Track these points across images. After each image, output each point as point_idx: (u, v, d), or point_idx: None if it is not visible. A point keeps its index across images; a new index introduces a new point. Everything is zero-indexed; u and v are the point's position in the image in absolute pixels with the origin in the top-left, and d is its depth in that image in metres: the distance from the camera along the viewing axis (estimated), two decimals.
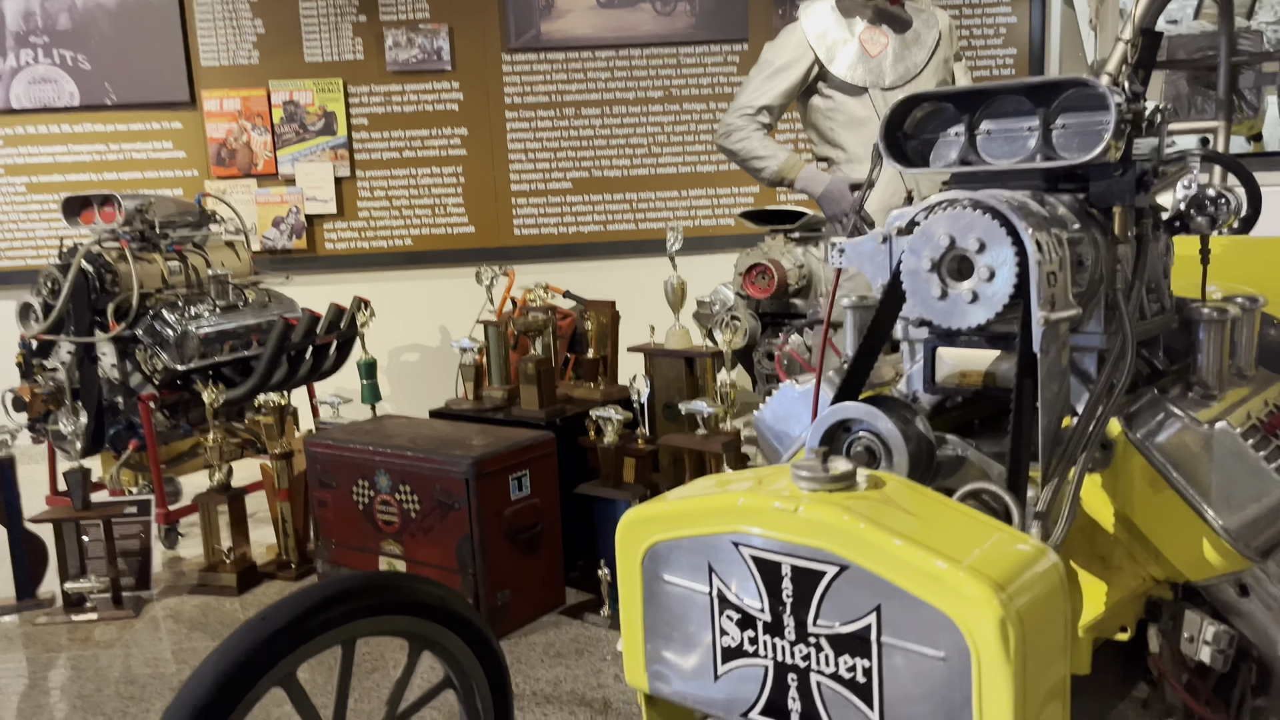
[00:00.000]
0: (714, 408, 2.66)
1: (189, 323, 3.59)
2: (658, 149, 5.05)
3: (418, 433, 3.00)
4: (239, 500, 3.29)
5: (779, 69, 2.81)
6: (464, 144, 5.01)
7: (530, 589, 2.88)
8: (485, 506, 2.73)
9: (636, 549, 1.25)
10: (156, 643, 2.88)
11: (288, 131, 4.92)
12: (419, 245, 5.06)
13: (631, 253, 5.09)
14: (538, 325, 3.16)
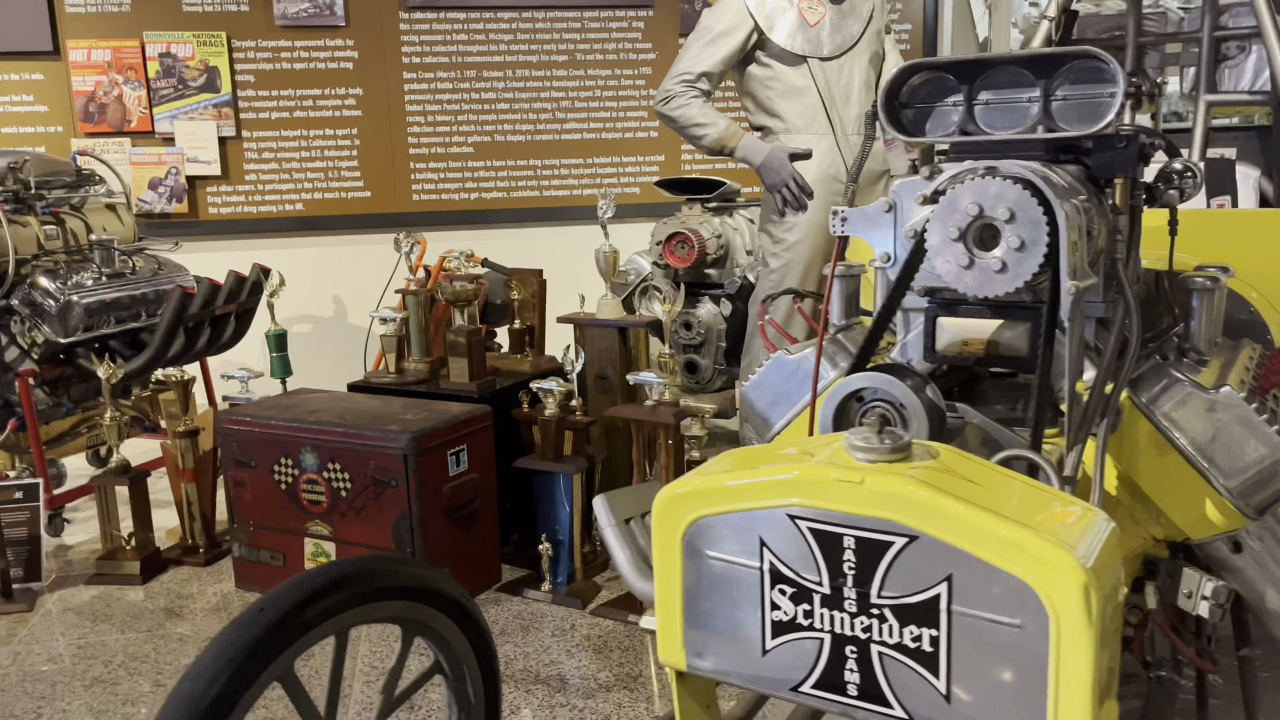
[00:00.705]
0: (664, 378, 2.63)
1: (71, 292, 3.31)
2: (562, 115, 4.95)
3: (344, 408, 2.86)
4: (140, 483, 3.07)
5: (718, 35, 2.79)
6: (359, 105, 4.78)
7: (468, 566, 2.81)
8: (424, 483, 2.63)
9: (676, 525, 1.22)
10: (57, 638, 2.67)
11: (165, 87, 4.58)
12: (311, 210, 4.82)
13: (536, 220, 5.00)
14: (467, 295, 3.05)
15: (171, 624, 2.73)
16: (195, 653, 2.55)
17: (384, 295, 4.66)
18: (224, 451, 2.91)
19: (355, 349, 4.89)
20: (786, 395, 1.69)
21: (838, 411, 1.38)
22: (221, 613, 2.79)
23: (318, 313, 4.89)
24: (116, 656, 2.55)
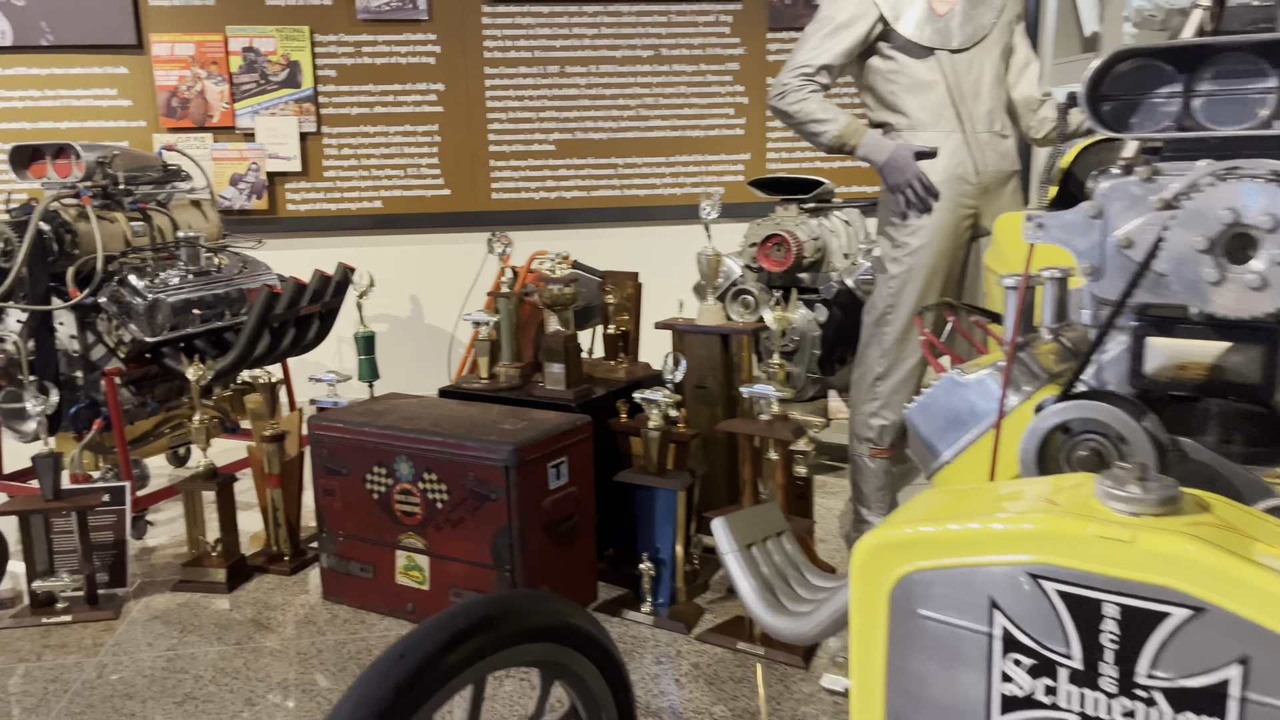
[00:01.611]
0: (782, 391, 2.47)
1: (158, 290, 3.24)
2: (646, 111, 4.81)
3: (439, 415, 2.75)
4: (227, 488, 2.98)
5: (840, 26, 2.62)
6: (440, 100, 4.69)
7: (566, 585, 2.67)
8: (525, 497, 2.50)
9: (883, 578, 1.06)
10: (145, 648, 2.58)
11: (247, 82, 4.52)
12: (389, 208, 4.73)
13: (616, 220, 4.86)
14: (565, 299, 2.92)
15: (260, 636, 2.63)
16: (286, 668, 2.45)
17: (469, 296, 4.57)
18: (314, 458, 2.81)
19: (434, 351, 4.81)
20: (959, 421, 1.52)
21: (1042, 446, 1.22)
22: (310, 626, 2.69)
23: (395, 313, 4.80)
24: (207, 671, 2.45)
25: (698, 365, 2.99)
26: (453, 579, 2.61)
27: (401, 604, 2.71)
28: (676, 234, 4.91)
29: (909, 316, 2.71)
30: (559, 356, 2.90)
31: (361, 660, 2.48)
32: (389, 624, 2.69)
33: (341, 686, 2.35)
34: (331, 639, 2.61)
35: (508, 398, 3.00)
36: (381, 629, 2.66)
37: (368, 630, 2.65)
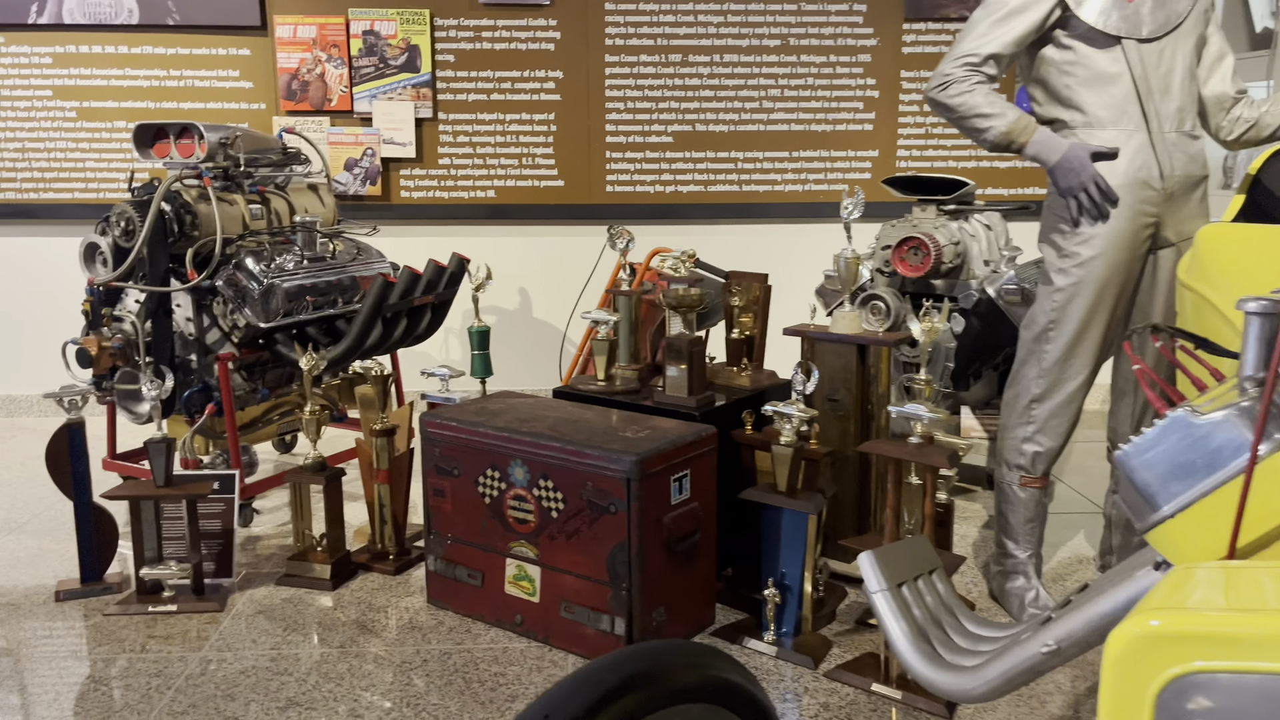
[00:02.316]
0: (935, 412, 2.25)
1: (274, 275, 3.18)
2: (770, 104, 4.60)
3: (557, 418, 2.60)
4: (336, 482, 2.90)
5: (1013, 11, 2.37)
6: (558, 88, 4.55)
7: (683, 606, 2.50)
8: (646, 512, 2.34)
9: (1148, 676, 0.86)
10: (249, 645, 2.51)
11: (366, 65, 4.46)
12: (502, 198, 4.62)
13: (733, 216, 4.67)
14: (692, 300, 2.75)
15: (364, 640, 2.53)
16: (390, 676, 2.34)
17: (584, 292, 4.44)
18: (425, 456, 2.69)
19: (543, 347, 4.69)
20: (1189, 468, 1.29)
21: None
22: (415, 632, 2.57)
23: (504, 305, 4.70)
24: (310, 675, 2.36)
25: (830, 376, 2.78)
26: (564, 593, 2.47)
27: (509, 615, 2.57)
28: (796, 233, 4.69)
29: (1074, 334, 2.45)
30: (682, 360, 2.73)
31: (468, 674, 2.36)
32: (495, 635, 2.56)
33: (449, 703, 2.22)
34: (437, 648, 2.49)
35: (624, 402, 2.84)
36: (488, 640, 2.53)
37: (473, 641, 2.53)
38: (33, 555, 3.06)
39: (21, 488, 3.69)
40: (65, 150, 4.48)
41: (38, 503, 3.53)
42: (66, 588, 2.76)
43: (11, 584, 2.85)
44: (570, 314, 4.45)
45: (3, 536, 3.21)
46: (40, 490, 3.66)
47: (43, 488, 3.68)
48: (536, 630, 2.53)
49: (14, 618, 2.64)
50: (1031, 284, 3.51)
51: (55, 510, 3.45)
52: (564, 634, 2.48)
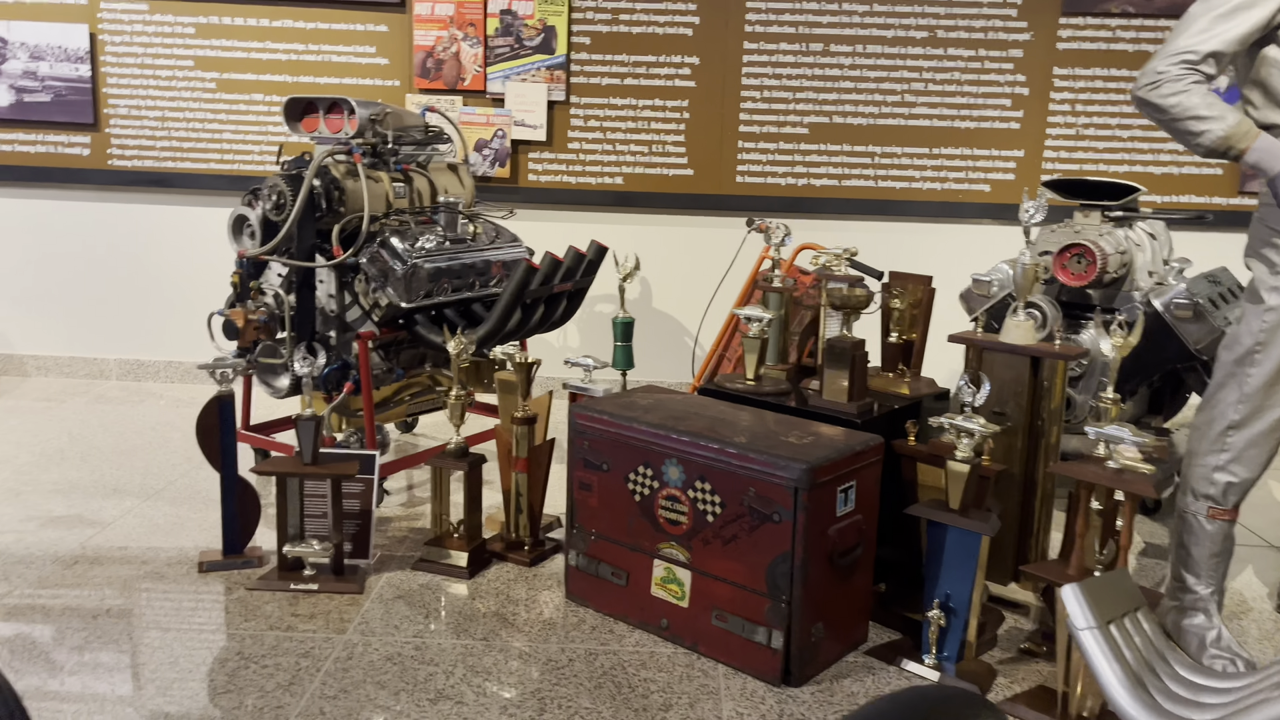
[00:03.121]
0: (1139, 435, 2.09)
1: (418, 255, 3.14)
2: (912, 98, 4.42)
3: (714, 418, 2.50)
4: (476, 469, 2.85)
5: (1239, 6, 2.19)
6: (693, 75, 4.45)
7: (840, 622, 2.39)
8: (813, 523, 2.23)
9: None
10: (393, 631, 2.47)
11: (502, 45, 4.41)
12: (629, 185, 4.54)
13: (866, 212, 4.51)
14: (858, 301, 2.62)
15: (507, 634, 2.47)
16: (538, 675, 2.28)
17: (720, 286, 4.34)
18: (572, 449, 2.62)
19: (670, 340, 4.61)
20: None
21: None
22: (557, 629, 2.51)
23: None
24: (456, 668, 2.31)
25: (999, 389, 2.63)
26: (717, 600, 2.37)
27: (655, 618, 2.49)
28: (932, 233, 4.52)
29: None
30: (843, 364, 2.61)
31: (616, 679, 2.28)
32: (640, 638, 2.48)
33: (601, 708, 2.15)
34: (581, 647, 2.42)
35: (773, 403, 2.73)
36: (633, 643, 2.45)
37: (618, 643, 2.45)
38: (171, 523, 3.08)
39: (155, 454, 3.74)
40: (203, 121, 4.53)
41: (171, 469, 3.57)
42: (209, 559, 2.77)
43: (154, 552, 2.87)
44: (706, 307, 4.34)
45: (141, 502, 3.24)
46: (172, 457, 3.70)
47: (175, 454, 3.73)
48: (684, 636, 2.44)
49: (160, 587, 2.65)
50: (1204, 299, 3.30)
51: (189, 478, 3.49)
52: (714, 642, 2.39)
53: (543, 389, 4.66)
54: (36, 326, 4.73)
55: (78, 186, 4.61)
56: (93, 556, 2.82)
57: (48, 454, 3.68)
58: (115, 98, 4.51)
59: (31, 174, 4.56)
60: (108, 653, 2.31)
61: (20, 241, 4.67)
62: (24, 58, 4.44)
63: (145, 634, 2.40)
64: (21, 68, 4.45)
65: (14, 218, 4.64)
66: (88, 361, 4.75)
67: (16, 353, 4.75)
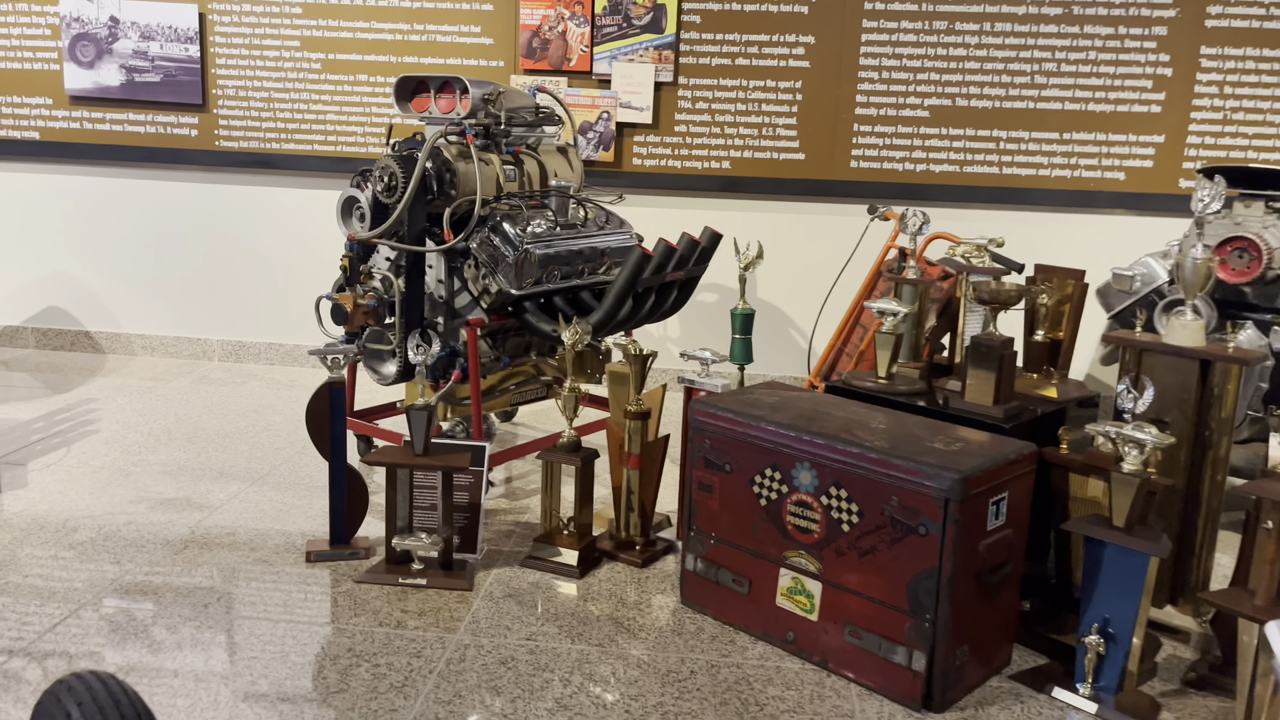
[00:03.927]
0: None
1: (529, 241, 3.03)
2: (1043, 79, 4.16)
3: (849, 419, 2.34)
4: (589, 465, 2.73)
5: None
6: (808, 54, 4.25)
7: (984, 644, 2.21)
8: (963, 537, 2.05)
9: None
10: (504, 632, 2.37)
11: (610, 24, 4.28)
12: (737, 170, 4.37)
13: (988, 201, 4.27)
14: (1008, 296, 2.42)
15: (624, 641, 2.35)
16: (659, 687, 2.15)
17: (839, 276, 4.16)
18: (693, 447, 2.48)
19: (778, 331, 4.44)
20: None
21: None
22: (675, 637, 2.38)
23: (733, 285, 4.46)
24: (574, 675, 2.19)
25: (1161, 395, 2.41)
26: (850, 615, 2.21)
27: (780, 630, 2.34)
28: (1062, 223, 4.26)
29: None
30: (990, 364, 2.41)
31: (742, 694, 2.14)
32: (764, 651, 2.33)
33: None
34: (703, 658, 2.29)
35: (907, 404, 2.55)
36: (757, 656, 2.31)
37: (741, 655, 2.31)
38: (277, 509, 3.04)
39: (258, 436, 3.71)
40: (308, 102, 4.50)
41: (275, 454, 3.54)
42: (316, 549, 2.71)
43: (261, 538, 2.82)
44: (824, 299, 4.16)
45: (247, 487, 3.21)
46: (276, 440, 3.67)
47: (278, 438, 3.70)
48: (812, 651, 2.29)
49: (268, 576, 2.60)
50: None
51: (293, 462, 3.45)
52: (847, 660, 2.23)
53: (653, 381, 4.55)
54: (143, 306, 4.78)
55: (185, 167, 4.63)
56: (202, 540, 2.78)
57: (155, 434, 3.68)
58: (223, 78, 4.51)
59: (141, 154, 4.59)
60: (219, 645, 2.25)
61: (129, 222, 4.71)
62: (135, 38, 4.46)
63: (256, 625, 2.34)
64: (132, 47, 4.47)
65: (123, 198, 4.69)
66: (192, 342, 4.78)
67: (124, 332, 4.80)
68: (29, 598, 2.42)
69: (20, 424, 3.73)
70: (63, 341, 4.83)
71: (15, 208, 4.73)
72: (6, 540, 2.73)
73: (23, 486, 3.13)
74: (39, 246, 4.76)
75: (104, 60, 4.49)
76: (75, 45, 4.49)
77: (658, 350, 4.39)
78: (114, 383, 4.34)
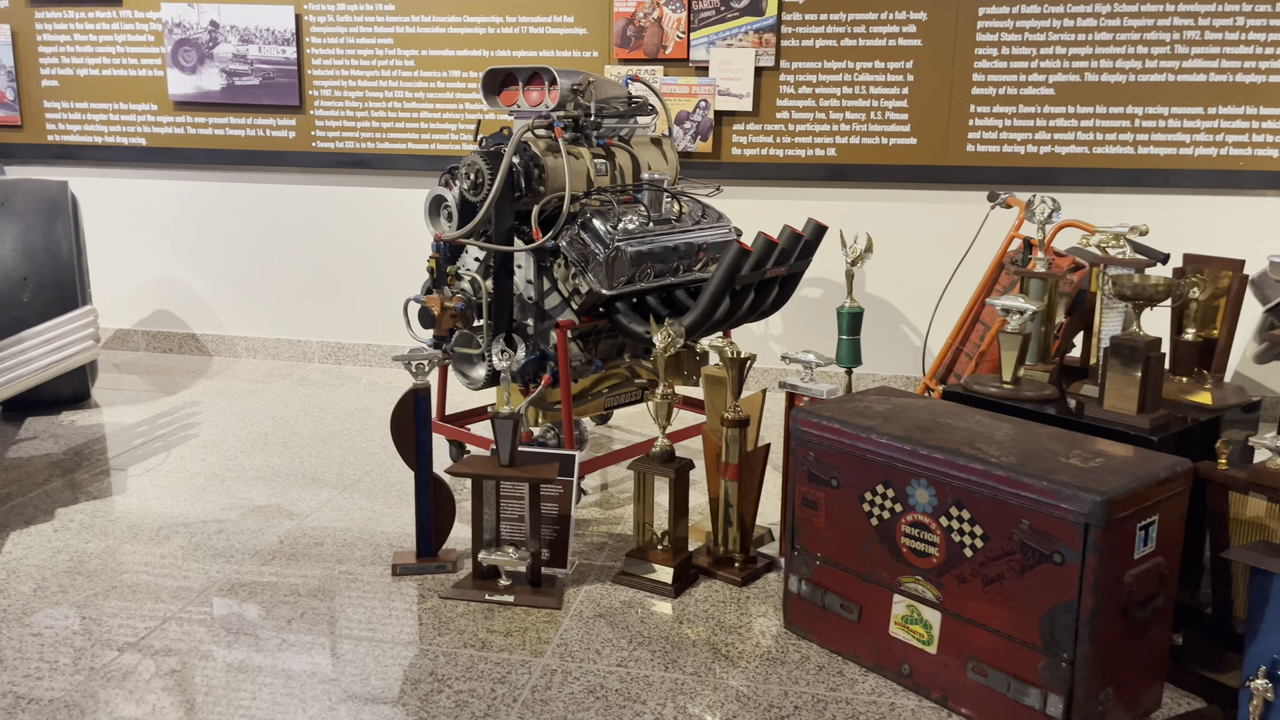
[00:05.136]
0: None
1: (620, 238, 2.87)
2: (1184, 49, 3.79)
3: (971, 430, 2.10)
4: (684, 476, 2.56)
5: None
6: (920, 32, 3.98)
7: (1130, 685, 1.95)
8: (1106, 566, 1.80)
9: None
10: (594, 657, 2.22)
11: (707, 9, 4.09)
12: (843, 157, 4.13)
13: (1122, 184, 3.92)
14: (1154, 291, 2.15)
15: (720, 669, 2.17)
16: None
17: (956, 270, 3.90)
18: (796, 459, 2.29)
19: (888, 329, 4.19)
20: None
21: None
22: (778, 666, 2.19)
23: (839, 279, 4.22)
24: (666, 707, 2.03)
25: None
26: (973, 649, 1.99)
27: (894, 662, 2.13)
28: (1206, 207, 3.88)
29: None
30: (1134, 367, 2.14)
31: None
32: (876, 684, 2.12)
33: None
34: (808, 691, 2.09)
35: (1035, 411, 2.29)
36: (867, 690, 2.10)
37: (850, 689, 2.11)
38: (367, 517, 2.97)
39: (352, 441, 3.67)
40: (402, 100, 4.45)
41: (367, 459, 3.48)
42: (403, 561, 2.61)
43: (348, 549, 2.75)
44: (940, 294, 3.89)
45: (338, 493, 3.15)
46: (369, 445, 3.62)
47: (371, 442, 3.65)
48: (930, 687, 2.07)
49: (353, 590, 2.51)
50: None
51: (384, 468, 3.38)
52: (970, 699, 2.00)
53: (752, 385, 4.35)
54: (245, 308, 4.82)
55: (284, 169, 4.64)
56: (289, 551, 2.72)
57: (252, 439, 3.67)
58: (319, 79, 4.49)
59: (242, 157, 4.62)
60: (299, 667, 2.17)
61: (231, 224, 4.75)
62: (234, 41, 4.48)
63: (339, 644, 2.25)
64: (232, 51, 4.50)
65: (225, 201, 4.73)
66: (292, 344, 4.80)
67: (228, 334, 4.86)
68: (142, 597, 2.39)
69: (125, 427, 3.78)
70: (171, 344, 4.91)
71: (125, 212, 4.83)
72: (108, 544, 2.73)
73: (123, 492, 3.14)
74: (147, 250, 4.85)
75: (205, 65, 4.53)
76: (178, 51, 4.54)
77: (757, 352, 4.21)
78: (216, 385, 4.38)
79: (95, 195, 4.84)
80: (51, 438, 3.65)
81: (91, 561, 2.64)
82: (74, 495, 3.10)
